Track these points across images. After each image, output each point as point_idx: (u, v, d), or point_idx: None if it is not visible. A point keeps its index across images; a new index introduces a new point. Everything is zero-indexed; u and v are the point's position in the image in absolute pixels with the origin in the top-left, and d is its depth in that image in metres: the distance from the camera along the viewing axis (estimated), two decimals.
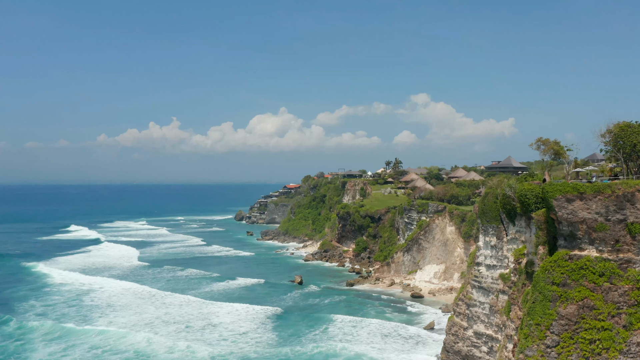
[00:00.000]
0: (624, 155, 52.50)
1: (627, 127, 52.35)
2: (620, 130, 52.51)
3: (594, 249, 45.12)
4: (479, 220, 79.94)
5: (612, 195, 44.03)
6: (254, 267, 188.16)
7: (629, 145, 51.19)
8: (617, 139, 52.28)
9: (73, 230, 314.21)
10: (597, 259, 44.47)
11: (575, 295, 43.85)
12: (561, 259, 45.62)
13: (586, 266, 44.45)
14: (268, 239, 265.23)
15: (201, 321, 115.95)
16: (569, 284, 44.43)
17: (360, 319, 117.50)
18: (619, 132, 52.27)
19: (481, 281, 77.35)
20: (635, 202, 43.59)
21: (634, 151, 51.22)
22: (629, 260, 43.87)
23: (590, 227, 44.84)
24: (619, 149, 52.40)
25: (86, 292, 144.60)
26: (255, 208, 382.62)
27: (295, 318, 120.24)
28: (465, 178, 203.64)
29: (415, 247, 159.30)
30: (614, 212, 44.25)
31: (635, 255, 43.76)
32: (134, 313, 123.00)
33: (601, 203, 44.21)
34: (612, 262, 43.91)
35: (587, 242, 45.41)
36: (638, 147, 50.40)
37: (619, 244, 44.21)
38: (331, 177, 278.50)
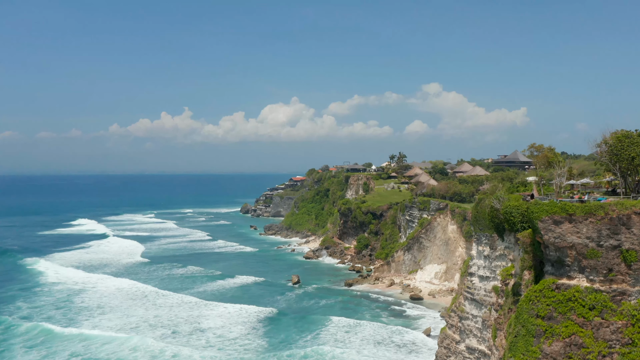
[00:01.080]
0: (621, 170, 47.18)
1: (625, 138, 46.97)
2: (617, 141, 47.20)
3: (584, 278, 39.87)
4: (473, 227, 74.89)
5: (605, 217, 38.80)
6: (253, 265, 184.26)
7: (626, 158, 45.81)
8: (613, 151, 46.96)
9: (78, 225, 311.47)
10: (587, 289, 39.25)
11: (561, 330, 38.76)
12: (547, 288, 40.48)
13: (575, 297, 39.29)
14: (271, 233, 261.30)
15: (190, 325, 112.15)
16: (555, 317, 39.33)
17: (355, 324, 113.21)
18: (615, 144, 46.95)
19: (474, 293, 72.46)
20: (632, 226, 38.31)
21: (632, 165, 45.88)
22: (623, 292, 38.62)
23: (580, 254, 39.63)
24: (615, 162, 47.10)
25: (78, 292, 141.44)
26: (261, 201, 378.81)
27: (287, 322, 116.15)
28: (470, 173, 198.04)
29: (416, 246, 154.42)
30: (607, 237, 38.96)
31: (630, 287, 38.49)
32: (123, 315, 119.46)
33: (593, 226, 38.97)
34: (605, 294, 38.68)
35: (577, 270, 40.19)
36: (637, 161, 45.05)
37: (612, 274, 38.93)
38: (335, 171, 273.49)
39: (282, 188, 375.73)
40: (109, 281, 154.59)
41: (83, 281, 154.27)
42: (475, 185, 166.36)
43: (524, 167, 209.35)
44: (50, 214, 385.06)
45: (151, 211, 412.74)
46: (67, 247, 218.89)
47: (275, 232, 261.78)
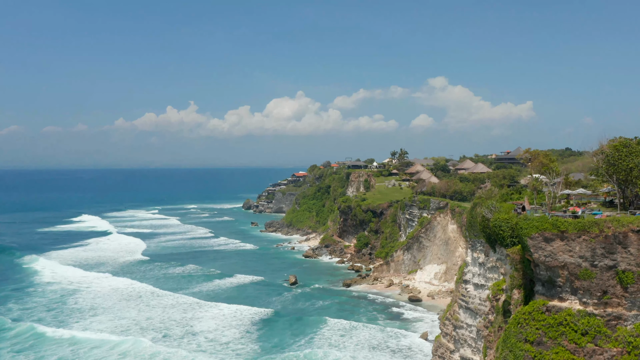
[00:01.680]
0: (619, 181, 44.15)
1: (623, 147, 43.91)
2: (615, 150, 44.16)
3: (576, 300, 36.96)
4: (467, 232, 72.03)
5: (600, 235, 35.84)
6: (251, 263, 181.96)
7: (623, 169, 42.77)
8: (610, 161, 43.92)
9: (79, 221, 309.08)
10: (580, 312, 36.35)
11: (551, 357, 35.83)
12: (537, 310, 37.62)
13: (566, 322, 36.40)
14: (271, 230, 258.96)
15: (182, 328, 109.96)
16: (545, 342, 36.50)
17: (351, 326, 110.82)
18: (612, 153, 43.91)
19: (468, 301, 69.67)
20: (628, 245, 35.34)
21: (630, 176, 42.84)
22: (618, 317, 35.71)
23: (572, 274, 36.73)
24: (612, 173, 44.05)
25: (72, 292, 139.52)
26: (263, 197, 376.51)
27: (282, 325, 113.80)
28: (472, 170, 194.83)
29: (416, 246, 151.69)
30: (601, 257, 36.01)
31: (626, 311, 35.56)
32: (114, 317, 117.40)
33: (586, 245, 36.07)
34: (598, 318, 35.79)
35: (569, 291, 37.26)
36: (635, 172, 42.02)
37: (607, 296, 35.99)
38: (337, 167, 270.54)
39: (284, 184, 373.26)
40: (104, 281, 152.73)
41: (78, 281, 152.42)
42: (476, 184, 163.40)
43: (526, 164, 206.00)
44: (53, 210, 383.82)
45: (155, 207, 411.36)
46: (66, 245, 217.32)
47: (276, 229, 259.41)
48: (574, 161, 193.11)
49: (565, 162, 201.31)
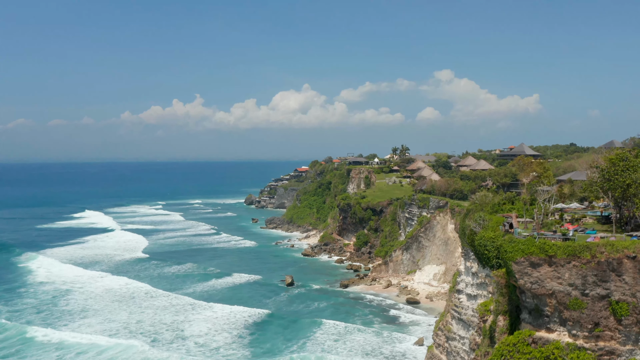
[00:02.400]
0: (615, 198, 40.65)
1: (620, 161, 40.40)
2: (611, 164, 40.68)
3: (565, 332, 33.69)
4: (460, 241, 68.71)
5: (591, 261, 32.48)
6: (249, 262, 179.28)
7: (620, 186, 39.28)
8: (605, 176, 40.41)
9: (81, 217, 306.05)
10: (569, 346, 33.07)
11: None
12: (522, 342, 34.39)
13: (554, 356, 33.02)
14: (272, 227, 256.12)
15: (172, 332, 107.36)
16: None
17: (345, 330, 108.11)
18: (608, 168, 40.41)
19: (461, 312, 66.45)
20: (623, 272, 31.97)
21: (626, 193, 39.35)
22: (611, 352, 32.35)
23: (561, 303, 33.44)
24: (607, 189, 40.59)
25: (64, 293, 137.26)
26: (266, 192, 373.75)
27: (275, 328, 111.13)
28: (475, 167, 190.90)
29: (415, 246, 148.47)
30: (593, 285, 32.66)
31: (620, 345, 32.22)
32: (104, 320, 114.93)
33: (577, 271, 32.74)
34: (589, 353, 32.48)
35: (557, 321, 34.00)
36: (632, 190, 38.56)
37: (599, 329, 32.69)
38: (338, 163, 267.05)
39: (286, 179, 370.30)
40: (99, 280, 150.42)
41: (72, 280, 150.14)
42: (478, 182, 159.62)
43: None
44: (56, 205, 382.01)
45: (159, 202, 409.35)
46: (65, 242, 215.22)
47: (277, 225, 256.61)
48: (578, 158, 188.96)
49: (569, 159, 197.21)
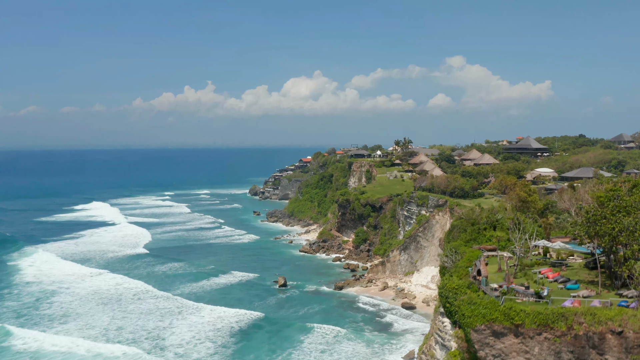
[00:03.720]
0: (603, 250, 33.95)
1: (609, 201, 33.59)
2: (599, 204, 33.97)
3: None
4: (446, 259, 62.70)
5: (567, 334, 26.38)
6: (245, 259, 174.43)
7: (608, 232, 32.54)
8: (591, 220, 33.67)
9: (86, 209, 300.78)
10: None
11: None
12: None
13: None
14: (273, 220, 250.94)
15: (151, 341, 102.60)
16: None
17: (334, 339, 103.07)
18: (595, 210, 33.65)
19: (444, 338, 60.51)
20: (606, 350, 25.73)
21: (616, 242, 32.67)
22: None
23: None
24: (593, 234, 33.91)
25: (49, 294, 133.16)
26: (270, 182, 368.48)
27: (261, 337, 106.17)
28: (479, 161, 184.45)
29: (413, 246, 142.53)
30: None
31: None
32: (84, 326, 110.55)
33: (549, 346, 26.65)
34: None
35: None
36: (622, 238, 31.90)
37: None
38: (340, 155, 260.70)
39: (291, 169, 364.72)
40: (88, 280, 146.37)
41: (61, 280, 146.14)
42: (480, 178, 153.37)
43: (535, 154, 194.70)
44: (62, 195, 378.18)
45: (167, 192, 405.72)
46: (65, 236, 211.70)
47: (278, 219, 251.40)
48: (585, 152, 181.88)
49: (577, 152, 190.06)
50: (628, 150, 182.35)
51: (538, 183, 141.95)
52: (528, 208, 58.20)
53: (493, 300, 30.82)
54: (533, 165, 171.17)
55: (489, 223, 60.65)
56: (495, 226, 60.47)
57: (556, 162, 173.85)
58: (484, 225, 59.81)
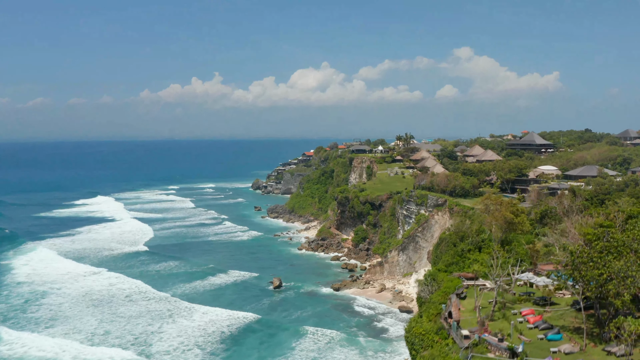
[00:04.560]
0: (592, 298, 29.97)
1: (595, 239, 29.75)
2: (586, 242, 30.08)
3: None
4: None
5: None
6: (242, 258, 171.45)
7: (595, 278, 28.56)
8: (575, 264, 29.77)
9: (89, 204, 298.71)
10: None
11: None
12: None
13: None
14: (273, 216, 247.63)
15: (137, 347, 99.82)
16: None
17: (326, 346, 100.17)
18: (581, 252, 29.70)
19: None
20: None
21: (603, 289, 28.71)
22: None
23: None
24: (578, 279, 29.95)
25: (40, 295, 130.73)
26: (273, 177, 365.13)
27: (252, 342, 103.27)
28: (481, 158, 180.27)
29: (412, 246, 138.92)
30: None
31: None
32: (70, 330, 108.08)
33: None
34: None
35: None
36: (611, 286, 27.95)
37: None
38: (342, 150, 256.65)
39: (294, 163, 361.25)
40: (81, 281, 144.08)
41: (53, 280, 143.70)
42: (481, 176, 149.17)
43: (539, 150, 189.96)
44: (66, 189, 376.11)
45: (172, 186, 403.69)
46: (64, 232, 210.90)
47: (278, 215, 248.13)
48: (590, 148, 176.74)
49: (581, 149, 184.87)
50: (634, 147, 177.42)
51: (541, 182, 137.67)
52: (515, 230, 53.74)
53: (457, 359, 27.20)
54: (537, 162, 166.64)
55: (474, 244, 56.64)
56: (481, 247, 56.54)
57: (560, 158, 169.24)
58: (469, 246, 55.73)
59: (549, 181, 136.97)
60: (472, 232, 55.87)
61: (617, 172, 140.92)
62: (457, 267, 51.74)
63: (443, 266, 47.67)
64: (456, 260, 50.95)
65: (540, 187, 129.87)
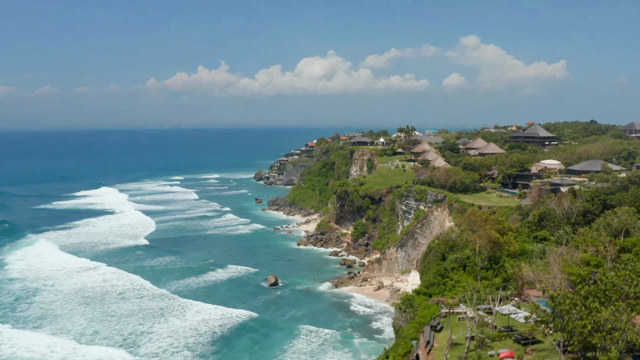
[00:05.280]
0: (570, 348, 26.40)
1: (582, 280, 26.11)
2: (570, 283, 26.37)
3: None
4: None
5: None
6: (239, 253, 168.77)
7: (578, 331, 24.81)
8: (556, 311, 26.13)
9: (91, 195, 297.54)
10: None
11: None
12: None
13: None
14: (274, 209, 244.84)
15: (125, 349, 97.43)
16: None
17: (319, 348, 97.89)
18: (563, 297, 25.90)
19: None
20: None
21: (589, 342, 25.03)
22: None
23: None
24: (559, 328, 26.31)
25: (31, 292, 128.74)
26: (275, 167, 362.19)
27: (243, 344, 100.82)
28: (483, 151, 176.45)
29: (411, 243, 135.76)
30: None
31: None
32: (58, 330, 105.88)
33: None
34: None
35: None
36: (596, 339, 24.26)
37: None
38: (343, 142, 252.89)
39: (297, 154, 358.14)
40: (74, 277, 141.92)
41: (47, 277, 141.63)
42: (482, 171, 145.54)
43: (543, 142, 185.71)
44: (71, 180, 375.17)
45: (177, 176, 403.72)
46: (64, 225, 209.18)
47: (279, 207, 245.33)
48: (595, 142, 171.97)
49: (585, 142, 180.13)
50: (639, 140, 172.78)
51: (543, 177, 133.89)
52: (500, 250, 49.61)
53: None
54: (540, 155, 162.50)
55: (458, 262, 53.08)
56: (466, 266, 53.08)
57: (564, 152, 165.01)
58: (452, 265, 52.18)
59: (552, 176, 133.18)
60: (462, 242, 52.17)
61: (621, 167, 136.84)
62: (438, 289, 48.34)
63: (423, 287, 44.56)
64: (437, 280, 47.56)
65: (543, 182, 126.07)
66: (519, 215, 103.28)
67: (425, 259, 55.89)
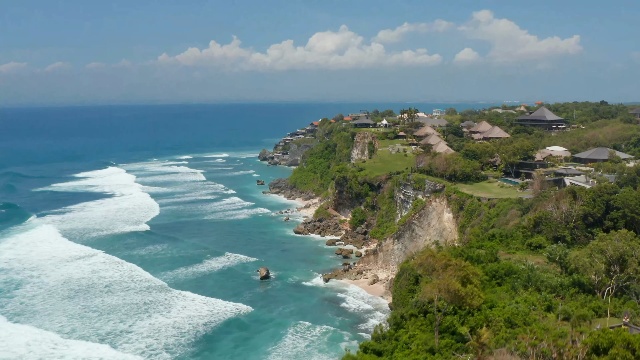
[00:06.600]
0: None
1: None
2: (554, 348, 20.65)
3: None
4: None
5: None
6: (234, 240, 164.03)
7: None
8: None
9: (95, 177, 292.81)
10: None
11: None
12: None
13: None
14: (275, 192, 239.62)
15: (101, 349, 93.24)
16: None
17: (305, 350, 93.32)
18: None
19: None
20: None
21: None
22: None
23: None
24: None
25: (15, 285, 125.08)
26: (280, 147, 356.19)
27: (225, 346, 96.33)
28: (488, 135, 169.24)
29: (408, 234, 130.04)
30: None
31: None
32: (35, 327, 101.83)
33: None
34: None
35: None
36: None
37: None
38: (346, 124, 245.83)
39: (302, 133, 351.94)
40: (62, 267, 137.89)
41: (34, 267, 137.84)
42: (484, 158, 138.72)
43: (550, 126, 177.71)
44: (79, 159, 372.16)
45: (185, 155, 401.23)
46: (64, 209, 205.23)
47: (280, 190, 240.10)
48: (603, 126, 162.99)
49: (594, 126, 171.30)
50: None
51: (547, 165, 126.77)
52: (462, 303, 41.51)
53: None
54: (546, 140, 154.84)
55: (419, 306, 46.27)
56: (427, 312, 46.65)
57: (571, 137, 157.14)
58: (411, 311, 45.37)
59: (557, 165, 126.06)
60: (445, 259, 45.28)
61: (629, 155, 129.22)
62: (390, 345, 41.70)
63: (373, 342, 38.66)
64: (390, 333, 40.94)
65: (546, 171, 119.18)
66: (519, 210, 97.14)
67: (397, 282, 50.09)
